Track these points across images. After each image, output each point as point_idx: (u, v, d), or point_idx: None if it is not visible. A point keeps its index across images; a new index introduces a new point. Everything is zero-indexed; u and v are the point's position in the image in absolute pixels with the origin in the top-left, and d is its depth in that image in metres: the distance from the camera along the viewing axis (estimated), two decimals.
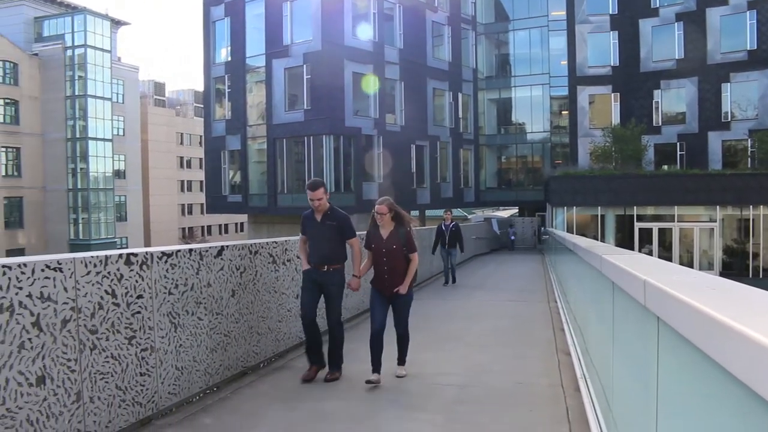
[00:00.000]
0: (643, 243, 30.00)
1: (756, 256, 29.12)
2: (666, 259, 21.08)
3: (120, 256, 4.53)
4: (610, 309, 3.61)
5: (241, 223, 62.14)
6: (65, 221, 44.94)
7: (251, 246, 6.56)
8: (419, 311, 11.29)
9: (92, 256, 4.25)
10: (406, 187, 33.92)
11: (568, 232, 25.19)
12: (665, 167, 34.86)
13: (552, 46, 41.70)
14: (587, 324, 5.86)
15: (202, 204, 51.29)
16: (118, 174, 49.63)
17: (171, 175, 62.77)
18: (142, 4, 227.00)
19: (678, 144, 35.49)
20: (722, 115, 34.60)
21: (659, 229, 30.25)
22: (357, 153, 31.32)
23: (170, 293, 5.07)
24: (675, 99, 36.16)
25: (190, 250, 5.42)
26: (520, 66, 43.45)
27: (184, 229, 64.67)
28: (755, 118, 33.63)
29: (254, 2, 32.90)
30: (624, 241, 29.60)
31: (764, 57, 33.22)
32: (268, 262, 6.88)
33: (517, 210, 48.87)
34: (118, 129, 49.91)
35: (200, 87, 48.96)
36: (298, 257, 7.28)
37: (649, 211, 30.51)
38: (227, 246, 6.07)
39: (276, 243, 7.14)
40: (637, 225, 30.34)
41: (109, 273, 4.37)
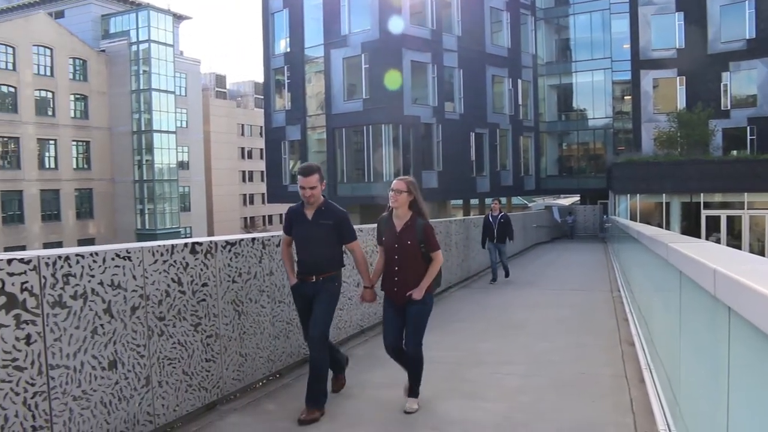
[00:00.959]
0: (711, 231, 28.91)
1: None
2: (735, 247, 20.24)
3: (185, 245, 4.62)
4: (677, 299, 3.51)
5: None
6: (132, 212, 46.41)
7: None
8: (475, 301, 11.24)
9: (159, 246, 4.36)
10: (465, 176, 33.78)
11: (631, 220, 24.60)
12: (734, 152, 33.41)
13: (614, 29, 40.48)
14: (652, 314, 5.72)
15: (263, 194, 52.27)
16: (182, 165, 50.90)
17: (232, 165, 64.09)
18: None
19: (748, 128, 33.91)
20: None
21: (728, 216, 29.05)
22: (416, 141, 31.21)
23: (234, 281, 5.16)
24: (745, 81, 34.52)
25: (253, 239, 5.49)
26: (581, 51, 42.37)
27: (245, 218, 66.03)
28: None
29: None
30: (690, 229, 28.58)
31: None
32: None
33: (578, 198, 47.95)
34: (181, 121, 51.27)
35: (260, 78, 49.92)
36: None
37: (717, 198, 29.33)
38: None
39: None
40: (704, 212, 29.24)
41: (175, 262, 4.47)
